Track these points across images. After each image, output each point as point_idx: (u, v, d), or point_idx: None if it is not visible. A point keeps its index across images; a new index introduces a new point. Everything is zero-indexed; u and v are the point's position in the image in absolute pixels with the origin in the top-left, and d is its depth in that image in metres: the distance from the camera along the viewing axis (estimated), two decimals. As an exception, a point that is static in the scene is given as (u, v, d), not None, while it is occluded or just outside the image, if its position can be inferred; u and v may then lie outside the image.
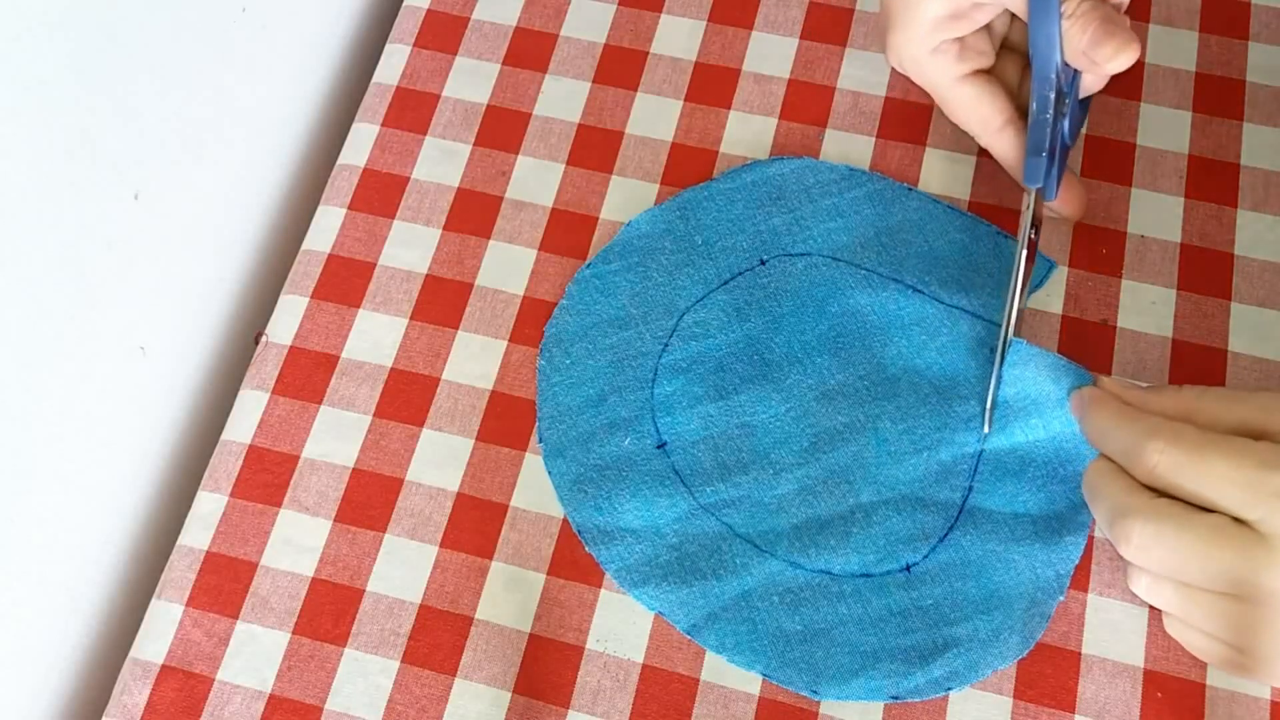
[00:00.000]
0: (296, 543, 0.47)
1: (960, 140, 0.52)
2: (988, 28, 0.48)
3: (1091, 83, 0.46)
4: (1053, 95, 0.44)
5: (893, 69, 0.54)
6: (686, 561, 0.45)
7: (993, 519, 0.44)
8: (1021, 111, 0.48)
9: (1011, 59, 0.49)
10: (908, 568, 0.44)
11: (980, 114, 0.47)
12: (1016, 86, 0.49)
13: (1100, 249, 0.49)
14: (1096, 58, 0.43)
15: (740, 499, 0.46)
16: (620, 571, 0.45)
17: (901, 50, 0.47)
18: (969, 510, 0.45)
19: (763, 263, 0.49)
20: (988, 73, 0.48)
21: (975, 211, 0.50)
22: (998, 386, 0.45)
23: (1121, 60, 0.43)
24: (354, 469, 0.48)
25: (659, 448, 0.47)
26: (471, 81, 0.56)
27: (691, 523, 0.45)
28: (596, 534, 0.46)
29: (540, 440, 0.48)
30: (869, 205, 0.50)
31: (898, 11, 0.47)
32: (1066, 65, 0.44)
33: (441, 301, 0.51)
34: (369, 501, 0.48)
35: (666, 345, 0.48)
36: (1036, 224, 0.45)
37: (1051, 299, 0.48)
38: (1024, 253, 0.45)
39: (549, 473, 0.47)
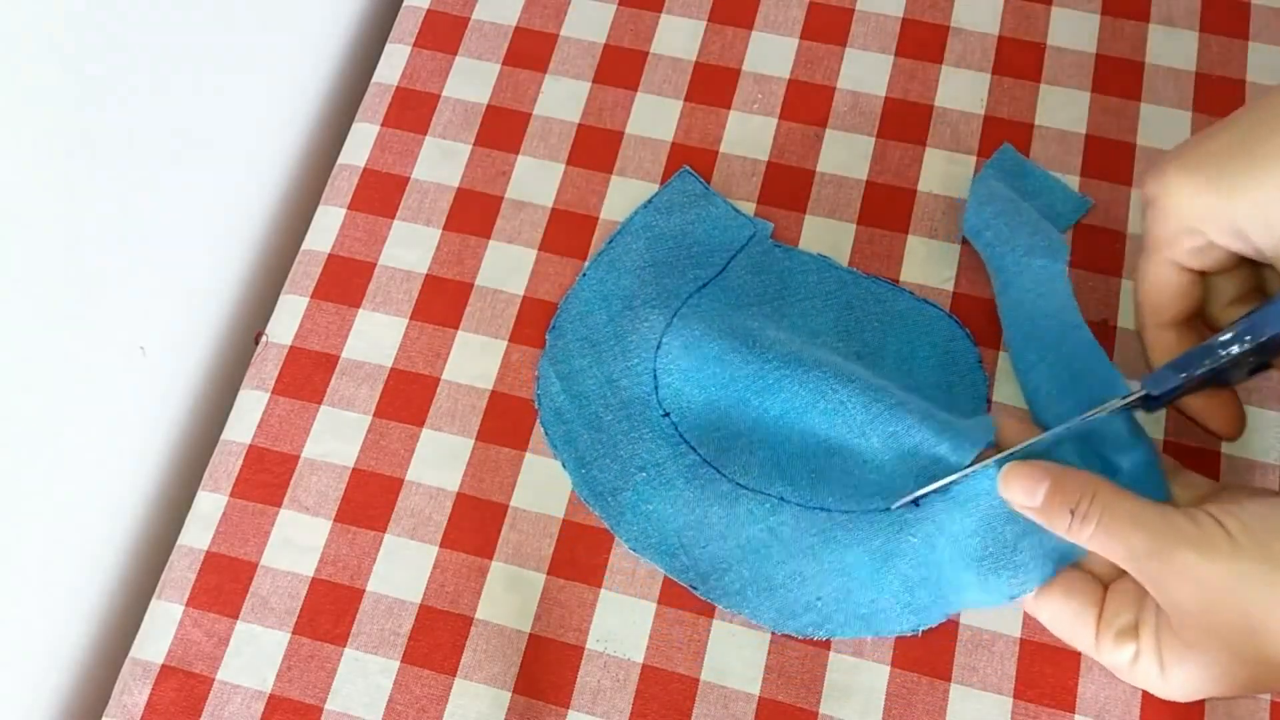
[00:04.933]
0: (296, 543, 0.47)
1: (960, 140, 0.52)
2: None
3: None
4: (1247, 350, 0.38)
5: (892, 70, 0.54)
6: (696, 520, 0.45)
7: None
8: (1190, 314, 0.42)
9: (1244, 274, 0.42)
10: (916, 502, 0.43)
11: (1158, 299, 0.41)
12: (1227, 301, 0.42)
13: (1100, 248, 0.49)
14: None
15: (736, 448, 0.46)
16: (633, 539, 0.46)
17: (1174, 197, 0.39)
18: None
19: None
20: (1202, 273, 0.41)
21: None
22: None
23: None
24: (354, 469, 0.48)
25: (664, 416, 0.47)
26: (471, 81, 0.56)
27: (701, 485, 0.46)
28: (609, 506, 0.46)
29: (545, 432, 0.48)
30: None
31: (1212, 173, 0.38)
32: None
33: (441, 301, 0.51)
34: (369, 501, 0.48)
35: (669, 324, 0.49)
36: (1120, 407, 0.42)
37: (1051, 299, 0.48)
38: (1075, 422, 0.42)
39: (553, 446, 0.48)
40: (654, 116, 0.54)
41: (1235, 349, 0.39)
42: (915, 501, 0.43)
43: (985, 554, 0.42)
